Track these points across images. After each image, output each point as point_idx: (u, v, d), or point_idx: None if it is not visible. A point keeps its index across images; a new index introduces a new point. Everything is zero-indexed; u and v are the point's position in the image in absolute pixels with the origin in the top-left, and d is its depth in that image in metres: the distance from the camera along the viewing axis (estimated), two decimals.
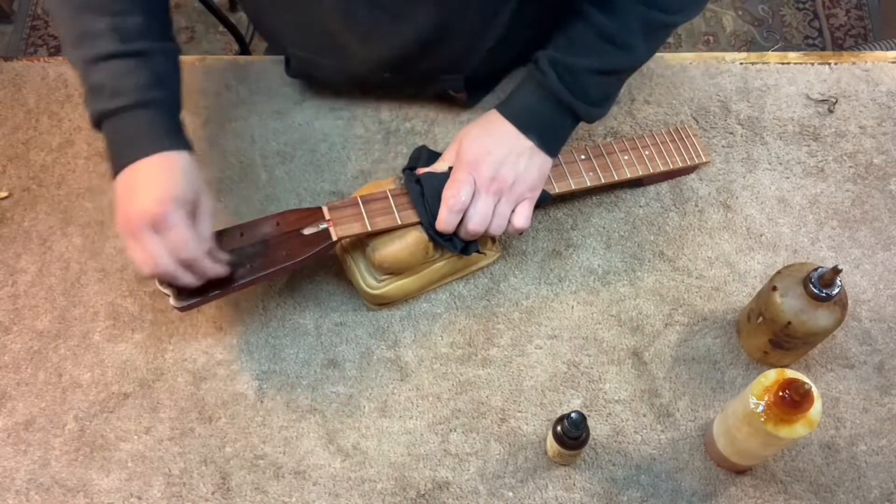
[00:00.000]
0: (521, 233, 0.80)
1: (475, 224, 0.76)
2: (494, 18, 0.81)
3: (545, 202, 0.82)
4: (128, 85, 0.72)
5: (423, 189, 0.78)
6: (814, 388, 0.65)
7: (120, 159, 0.72)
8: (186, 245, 0.69)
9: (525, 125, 0.78)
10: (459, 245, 0.79)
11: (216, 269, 0.72)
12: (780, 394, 0.65)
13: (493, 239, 0.85)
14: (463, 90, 0.91)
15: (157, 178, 0.70)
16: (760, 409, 0.65)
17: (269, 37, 1.03)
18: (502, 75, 0.98)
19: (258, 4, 0.91)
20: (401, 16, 0.79)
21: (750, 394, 0.67)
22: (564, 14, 0.80)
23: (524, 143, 0.77)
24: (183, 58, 1.00)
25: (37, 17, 2.13)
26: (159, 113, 0.73)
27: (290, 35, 0.91)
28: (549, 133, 0.79)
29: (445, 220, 0.76)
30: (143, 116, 0.72)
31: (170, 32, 0.79)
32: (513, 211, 0.78)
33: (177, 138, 0.74)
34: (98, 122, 0.73)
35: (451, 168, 0.79)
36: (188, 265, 0.70)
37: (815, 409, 0.65)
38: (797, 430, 0.65)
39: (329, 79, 0.96)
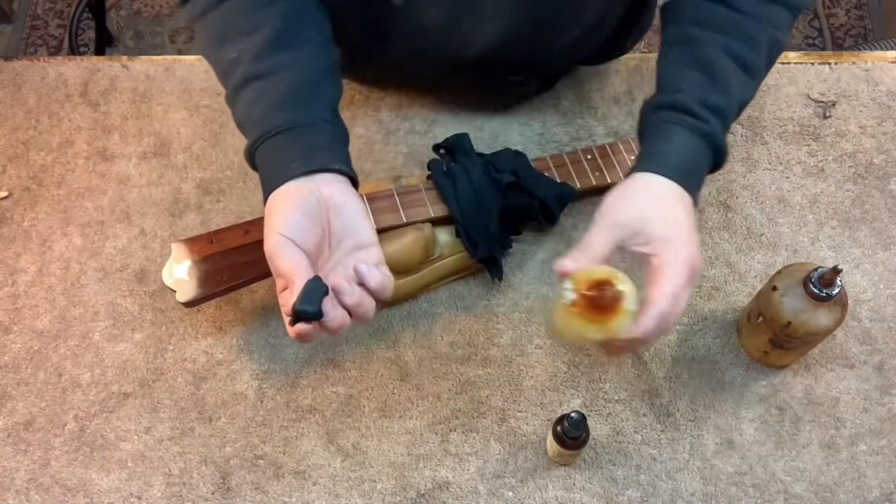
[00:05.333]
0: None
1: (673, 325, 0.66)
2: (575, 22, 0.79)
3: (570, 198, 0.84)
4: (253, 117, 0.66)
5: (456, 182, 0.78)
6: (626, 300, 0.61)
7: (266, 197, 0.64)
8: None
9: (691, 182, 0.67)
10: (484, 254, 0.80)
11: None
12: (588, 291, 0.61)
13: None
14: (528, 88, 0.90)
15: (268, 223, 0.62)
16: (571, 297, 0.61)
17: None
18: (566, 73, 0.98)
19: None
20: (487, 17, 0.77)
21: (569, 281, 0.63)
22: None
23: (690, 204, 0.67)
24: (183, 58, 1.01)
25: (37, 17, 2.13)
26: (280, 142, 0.64)
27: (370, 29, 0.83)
28: (701, 181, 0.69)
29: (654, 335, 0.62)
30: (266, 151, 0.65)
31: (310, 33, 0.69)
32: None
33: (298, 168, 0.63)
34: (253, 167, 0.67)
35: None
36: None
37: (621, 322, 0.61)
38: (590, 331, 0.61)
39: (383, 77, 0.95)
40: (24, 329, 0.85)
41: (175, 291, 0.77)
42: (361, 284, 0.60)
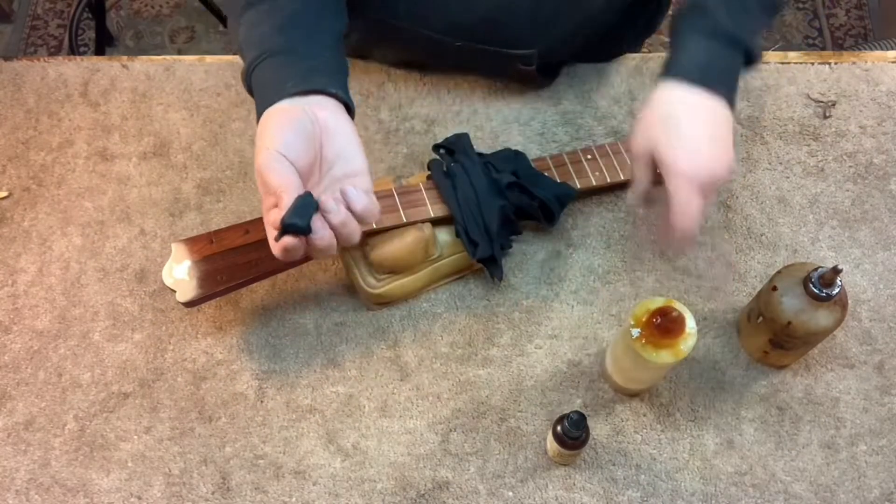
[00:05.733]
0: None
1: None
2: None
3: (570, 198, 0.84)
4: (254, 38, 0.65)
5: (456, 182, 0.78)
6: (689, 321, 0.68)
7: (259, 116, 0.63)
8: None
9: (715, 82, 0.68)
10: (484, 254, 0.80)
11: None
12: (654, 319, 0.68)
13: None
14: (533, 65, 0.90)
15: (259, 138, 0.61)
16: (636, 332, 0.69)
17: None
18: (572, 60, 0.98)
19: None
20: None
21: (630, 317, 0.70)
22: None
23: (718, 109, 0.68)
24: (183, 58, 1.01)
25: (37, 16, 2.13)
26: (279, 62, 0.64)
27: None
28: (731, 80, 0.70)
29: (685, 247, 0.68)
30: (264, 70, 0.64)
31: None
32: None
33: (294, 87, 0.62)
34: (249, 90, 0.67)
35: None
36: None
37: (687, 343, 0.68)
38: (663, 356, 0.68)
39: (393, 51, 0.95)
40: (24, 329, 0.85)
41: (175, 291, 0.77)
42: (348, 208, 0.59)
